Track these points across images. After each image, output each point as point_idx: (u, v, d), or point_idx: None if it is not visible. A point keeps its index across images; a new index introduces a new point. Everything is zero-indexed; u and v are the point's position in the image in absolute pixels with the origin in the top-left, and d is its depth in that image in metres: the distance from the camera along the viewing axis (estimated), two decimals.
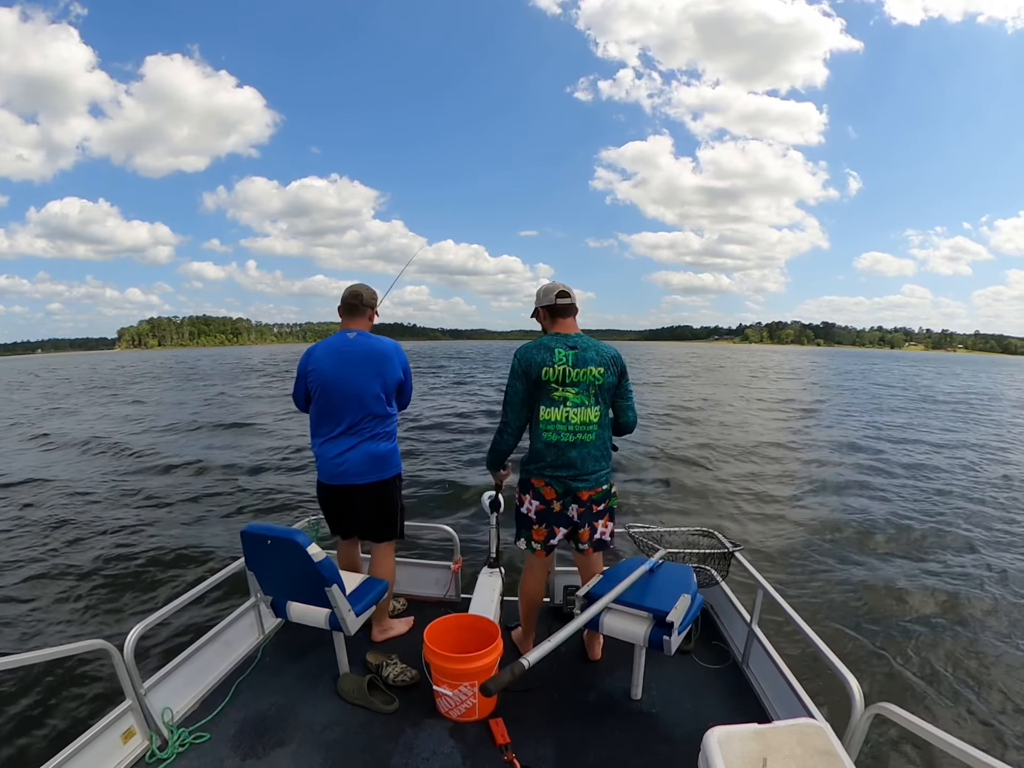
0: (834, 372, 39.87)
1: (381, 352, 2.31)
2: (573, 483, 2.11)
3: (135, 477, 7.83)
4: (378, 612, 2.50)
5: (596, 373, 2.08)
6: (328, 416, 2.31)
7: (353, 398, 2.26)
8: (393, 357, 2.33)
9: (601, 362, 2.10)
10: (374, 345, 2.31)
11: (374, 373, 2.28)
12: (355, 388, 2.25)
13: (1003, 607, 3.96)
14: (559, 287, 2.17)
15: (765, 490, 7.10)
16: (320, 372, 2.28)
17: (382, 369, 2.30)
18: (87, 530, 5.55)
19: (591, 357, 2.09)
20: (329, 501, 2.45)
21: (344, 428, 2.29)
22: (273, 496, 6.74)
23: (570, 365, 2.07)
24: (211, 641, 2.25)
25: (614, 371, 2.13)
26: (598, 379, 2.09)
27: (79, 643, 1.72)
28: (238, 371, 33.47)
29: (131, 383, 27.87)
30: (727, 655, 2.43)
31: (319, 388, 2.29)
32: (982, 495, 7.03)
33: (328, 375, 2.27)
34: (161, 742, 1.85)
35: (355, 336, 2.31)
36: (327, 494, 2.42)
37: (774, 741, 1.28)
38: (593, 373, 2.08)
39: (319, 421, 2.35)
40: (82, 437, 10.95)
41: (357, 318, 2.35)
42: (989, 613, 3.87)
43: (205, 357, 66.77)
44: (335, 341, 2.32)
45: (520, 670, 1.47)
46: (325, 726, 1.98)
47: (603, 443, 2.14)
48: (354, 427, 2.29)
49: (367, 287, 2.40)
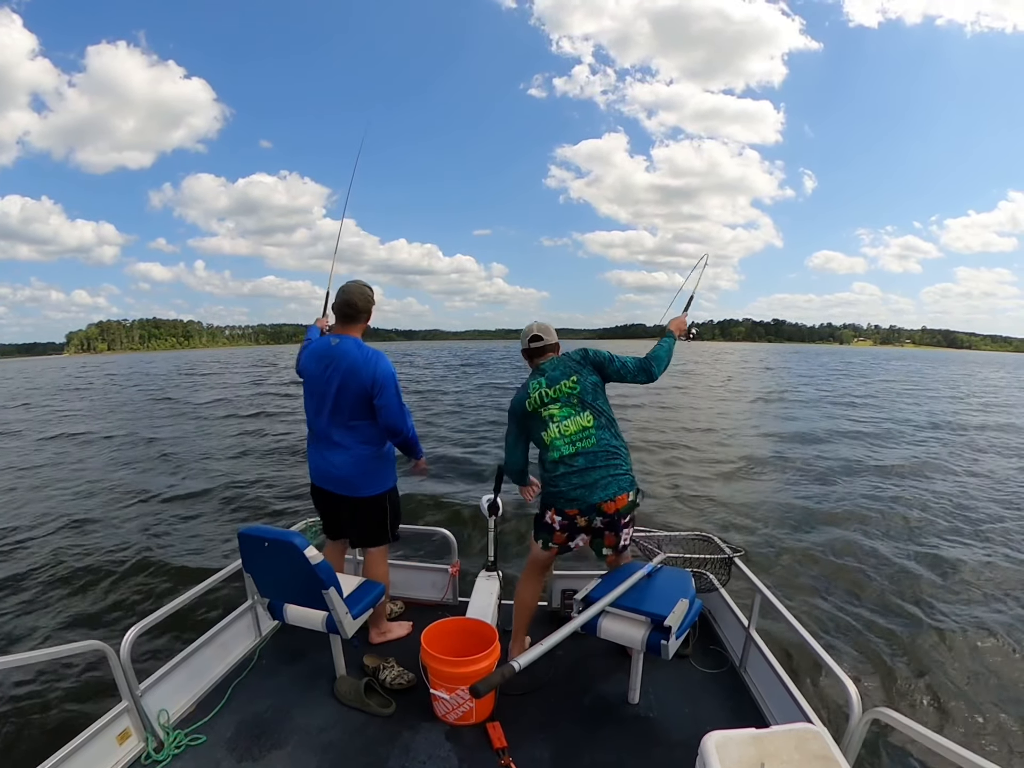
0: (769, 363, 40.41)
1: (352, 362, 2.20)
2: (592, 497, 2.08)
3: (133, 478, 7.82)
4: (376, 615, 2.49)
5: (569, 384, 2.14)
6: (314, 419, 2.33)
7: (330, 404, 2.25)
8: (361, 369, 2.20)
9: (570, 372, 2.16)
10: (349, 353, 2.22)
11: (348, 381, 2.21)
12: (331, 394, 2.23)
13: (1003, 613, 3.96)
14: (533, 331, 2.26)
15: (740, 486, 7.11)
16: (305, 375, 2.32)
17: (353, 379, 2.21)
18: (83, 531, 5.54)
19: (558, 375, 2.16)
20: (316, 501, 2.50)
21: (326, 433, 2.29)
22: (270, 498, 6.74)
23: (545, 388, 2.17)
24: (208, 643, 2.25)
25: (588, 370, 2.17)
26: (574, 388, 2.14)
27: (75, 644, 1.71)
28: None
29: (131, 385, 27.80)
30: (725, 660, 2.42)
31: (305, 391, 2.33)
32: (975, 497, 7.04)
33: (310, 379, 2.29)
34: (157, 744, 1.85)
35: (338, 343, 2.25)
36: (314, 493, 2.48)
37: (771, 746, 1.27)
38: (567, 385, 2.14)
39: (308, 423, 2.38)
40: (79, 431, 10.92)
41: (350, 326, 2.30)
42: (988, 619, 3.87)
43: (159, 361, 64.57)
44: (319, 345, 2.31)
45: (510, 672, 1.47)
46: (322, 729, 1.98)
47: (608, 444, 2.12)
48: (336, 433, 2.28)
49: (362, 291, 2.29)
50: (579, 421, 2.11)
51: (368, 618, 2.46)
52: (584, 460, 2.09)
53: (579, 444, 2.10)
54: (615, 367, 2.19)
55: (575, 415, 2.12)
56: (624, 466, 2.14)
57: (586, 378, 2.15)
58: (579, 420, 2.11)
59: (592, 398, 2.14)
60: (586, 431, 2.10)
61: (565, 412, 2.13)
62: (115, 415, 15.29)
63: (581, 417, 2.11)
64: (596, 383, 2.16)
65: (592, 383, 2.15)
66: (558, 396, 2.14)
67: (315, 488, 2.44)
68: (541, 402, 2.16)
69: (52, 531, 5.53)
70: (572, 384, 2.14)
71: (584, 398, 2.13)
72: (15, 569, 4.57)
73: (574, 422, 2.11)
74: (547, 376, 2.18)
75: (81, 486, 7.41)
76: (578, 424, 2.11)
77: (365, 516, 2.39)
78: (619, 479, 2.10)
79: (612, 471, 2.10)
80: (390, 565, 2.60)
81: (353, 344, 2.25)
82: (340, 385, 2.21)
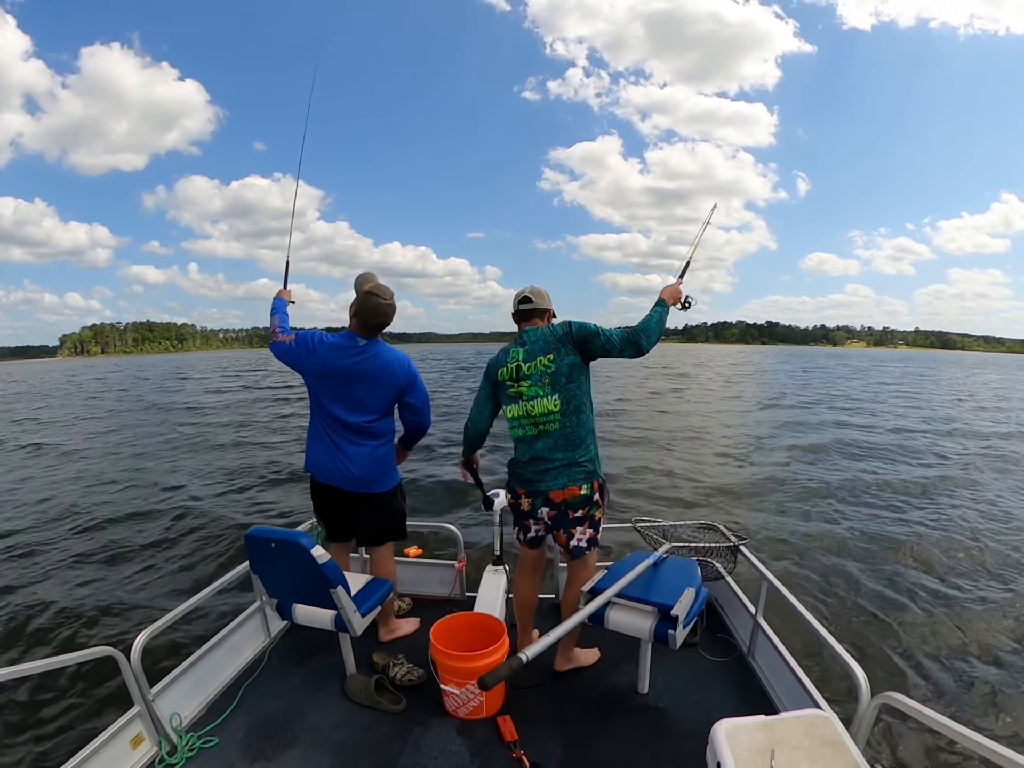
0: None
1: (387, 362, 2.26)
2: (541, 483, 2.06)
3: (136, 481, 7.84)
4: (384, 613, 2.50)
5: (545, 362, 2.05)
6: (330, 416, 2.26)
7: (356, 402, 2.24)
8: (396, 369, 2.27)
9: (549, 349, 2.05)
10: (383, 354, 2.26)
11: (383, 381, 2.25)
12: (360, 392, 2.23)
13: (1013, 599, 3.96)
14: (524, 292, 2.19)
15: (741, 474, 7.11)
16: (323, 370, 2.23)
17: (388, 378, 2.26)
18: (89, 535, 5.55)
19: (538, 348, 2.07)
20: (319, 502, 2.44)
21: (343, 431, 2.26)
22: (277, 500, 6.75)
23: (521, 360, 2.09)
24: (217, 645, 2.26)
25: (568, 349, 2.04)
26: (549, 367, 2.04)
27: (86, 651, 1.72)
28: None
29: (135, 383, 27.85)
30: (733, 648, 2.43)
31: (320, 388, 2.26)
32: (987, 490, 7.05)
33: (331, 376, 2.22)
34: (170, 747, 1.86)
35: (366, 344, 2.24)
36: (318, 493, 2.41)
37: (781, 732, 1.28)
38: (543, 363, 2.05)
39: (319, 421, 2.31)
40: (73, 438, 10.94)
41: (376, 334, 2.29)
42: (997, 604, 3.88)
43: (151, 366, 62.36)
44: (343, 342, 2.25)
45: (518, 664, 1.47)
46: (333, 727, 1.99)
47: (572, 432, 2.05)
48: (355, 431, 2.26)
49: (393, 307, 2.25)
50: (546, 404, 2.04)
51: (377, 616, 2.47)
52: (543, 444, 2.06)
53: (542, 427, 2.06)
54: (599, 342, 2.02)
55: (543, 397, 2.05)
56: (582, 457, 2.05)
57: (563, 358, 2.03)
58: (546, 403, 2.04)
59: (566, 380, 2.04)
60: (551, 415, 2.04)
61: (534, 391, 2.06)
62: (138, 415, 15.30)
63: (548, 400, 2.04)
64: (574, 364, 2.04)
65: (569, 364, 2.04)
66: (531, 373, 2.06)
67: (322, 487, 2.35)
68: (513, 376, 2.10)
69: (60, 535, 5.55)
70: (548, 362, 2.04)
71: (557, 380, 2.04)
72: (23, 576, 4.59)
73: (541, 404, 2.05)
74: (526, 348, 2.10)
75: (85, 492, 7.44)
76: (544, 407, 2.05)
77: (380, 512, 2.38)
78: (571, 470, 2.04)
79: (567, 462, 2.04)
80: (396, 562, 2.61)
81: (382, 345, 2.30)
82: (372, 383, 2.23)
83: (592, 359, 2.10)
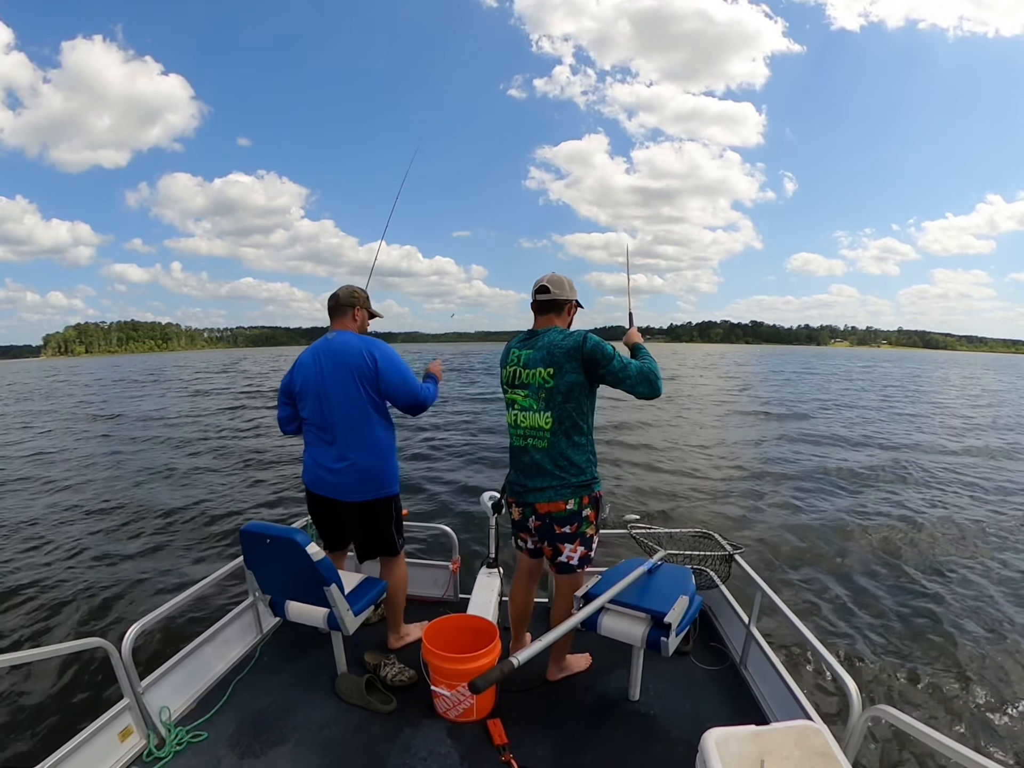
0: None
1: (346, 346, 2.17)
2: (527, 494, 2.00)
3: (130, 475, 7.83)
4: (394, 619, 2.46)
5: (544, 375, 1.91)
6: (312, 421, 2.23)
7: (329, 401, 2.16)
8: (355, 352, 2.14)
9: (551, 361, 1.89)
10: (346, 341, 2.19)
11: (346, 371, 2.14)
12: (330, 391, 2.15)
13: (1005, 612, 3.96)
14: (542, 281, 2.00)
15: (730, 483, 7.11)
16: (303, 377, 2.22)
17: (351, 365, 2.13)
18: (84, 528, 5.55)
19: (541, 357, 1.92)
20: (314, 512, 2.40)
21: (324, 435, 2.20)
22: (272, 496, 6.75)
23: (520, 366, 1.98)
24: (209, 640, 2.25)
25: (572, 367, 1.87)
26: (546, 382, 1.90)
27: (77, 641, 1.72)
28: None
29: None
30: (725, 656, 2.43)
31: (301, 394, 2.23)
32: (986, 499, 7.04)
33: (309, 379, 2.20)
34: (158, 741, 1.85)
35: (334, 336, 2.23)
36: (312, 503, 2.36)
37: (772, 742, 1.28)
38: (541, 375, 1.91)
39: (306, 428, 2.28)
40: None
41: (339, 319, 2.28)
42: (992, 618, 3.87)
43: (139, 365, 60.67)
44: (315, 344, 2.26)
45: (509, 668, 1.47)
46: (323, 725, 1.98)
47: (560, 452, 1.92)
48: (336, 433, 2.18)
49: (347, 287, 2.33)
50: (536, 419, 1.93)
51: (386, 622, 2.47)
52: (528, 459, 1.98)
53: (530, 441, 1.97)
54: (612, 368, 1.85)
55: (535, 411, 1.93)
56: (571, 480, 1.93)
57: (564, 375, 1.88)
58: (536, 418, 1.93)
59: (563, 399, 1.90)
60: (540, 432, 1.94)
61: (527, 403, 1.95)
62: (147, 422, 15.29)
63: (540, 416, 1.92)
64: (575, 384, 1.88)
65: (569, 382, 1.88)
66: (528, 382, 1.94)
67: (314, 497, 2.30)
68: (511, 381, 2.01)
69: (53, 527, 5.54)
70: (547, 376, 1.90)
71: (553, 397, 1.90)
72: (16, 565, 4.58)
73: (531, 418, 1.94)
74: (529, 353, 1.96)
75: (88, 486, 7.43)
76: (534, 422, 1.94)
77: (370, 523, 2.28)
78: (559, 490, 1.93)
79: (553, 481, 1.93)
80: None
81: (347, 334, 2.23)
82: (338, 376, 2.13)
83: (599, 383, 1.94)
